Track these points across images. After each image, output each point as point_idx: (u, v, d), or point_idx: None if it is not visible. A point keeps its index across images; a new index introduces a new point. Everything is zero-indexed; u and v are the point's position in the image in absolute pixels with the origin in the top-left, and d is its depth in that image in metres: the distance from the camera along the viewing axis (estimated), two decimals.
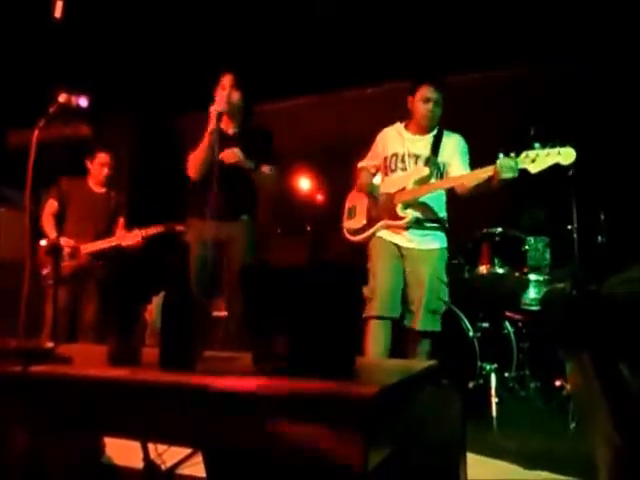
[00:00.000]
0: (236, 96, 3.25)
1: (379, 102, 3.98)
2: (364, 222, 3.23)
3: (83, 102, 2.38)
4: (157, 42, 4.99)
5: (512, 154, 2.74)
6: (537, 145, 2.71)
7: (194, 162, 3.21)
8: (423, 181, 3.06)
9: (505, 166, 2.71)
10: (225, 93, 3.18)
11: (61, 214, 4.02)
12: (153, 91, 5.51)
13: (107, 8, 4.56)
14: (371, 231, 3.16)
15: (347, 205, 3.44)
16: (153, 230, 3.95)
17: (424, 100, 3.10)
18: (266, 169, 3.25)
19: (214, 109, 3.08)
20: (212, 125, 3.09)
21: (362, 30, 4.68)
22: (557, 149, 2.67)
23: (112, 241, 4.03)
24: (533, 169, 2.69)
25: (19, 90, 4.98)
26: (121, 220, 4.21)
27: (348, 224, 3.36)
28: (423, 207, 3.10)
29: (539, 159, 2.68)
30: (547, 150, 2.68)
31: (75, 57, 4.65)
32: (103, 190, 4.20)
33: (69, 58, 4.55)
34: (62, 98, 2.32)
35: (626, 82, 4.07)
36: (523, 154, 2.73)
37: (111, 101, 5.00)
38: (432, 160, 3.09)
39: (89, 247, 4.00)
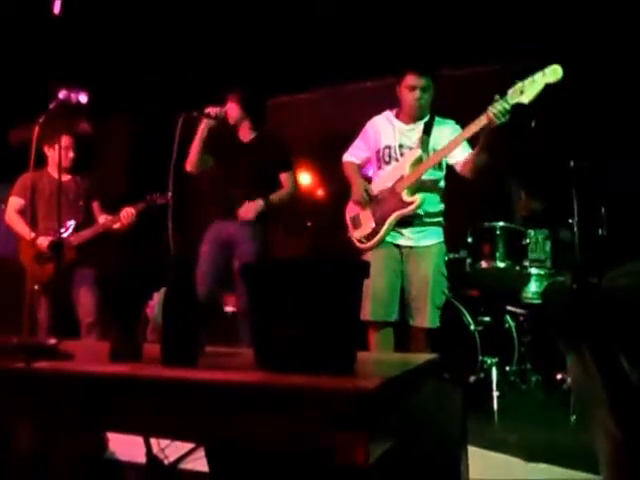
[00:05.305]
0: (234, 111, 3.56)
1: (379, 96, 3.96)
2: (372, 226, 3.13)
3: (83, 98, 2.38)
4: (158, 39, 4.98)
5: (497, 96, 2.68)
6: (517, 81, 2.64)
7: (189, 156, 3.55)
8: (418, 162, 3.04)
9: (499, 111, 2.67)
10: (224, 108, 3.52)
11: (26, 210, 3.82)
12: (154, 89, 5.51)
13: (108, 4, 4.56)
14: (384, 229, 3.07)
15: (348, 216, 3.31)
16: (140, 206, 3.80)
17: (410, 88, 3.03)
18: (278, 195, 3.59)
19: (208, 109, 3.42)
20: (202, 123, 3.47)
21: (363, 24, 4.68)
22: (540, 72, 2.60)
23: (100, 227, 3.88)
24: (526, 99, 2.62)
25: (20, 87, 4.98)
26: (96, 204, 4.03)
27: (356, 233, 3.23)
28: (428, 188, 3.06)
29: (527, 88, 2.62)
30: (531, 78, 2.62)
31: (75, 54, 4.65)
32: (69, 177, 3.96)
33: (69, 55, 4.54)
34: (62, 94, 2.32)
35: (626, 77, 4.07)
36: (510, 91, 2.66)
37: (111, 98, 5.01)
38: (424, 140, 3.05)
39: (77, 238, 3.84)
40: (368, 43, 4.77)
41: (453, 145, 2.94)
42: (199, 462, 2.18)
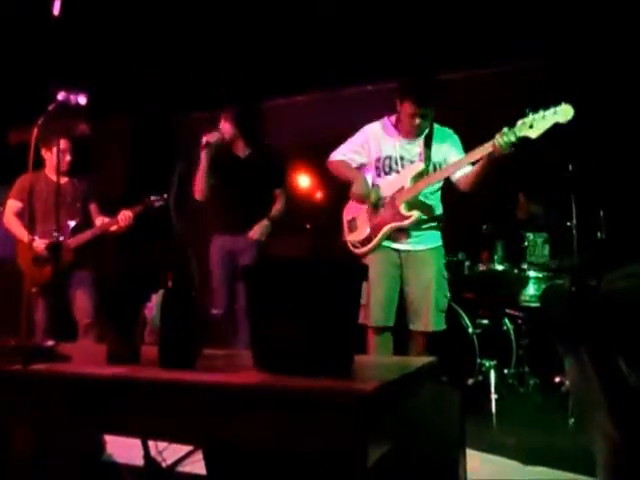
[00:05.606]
0: (228, 130, 3.70)
1: (379, 100, 3.97)
2: (368, 231, 3.12)
3: (82, 100, 2.38)
4: (158, 40, 4.98)
5: (505, 128, 2.68)
6: (529, 111, 2.64)
7: (196, 186, 3.71)
8: (420, 176, 3.04)
9: (505, 142, 2.66)
10: (218, 129, 3.70)
11: (24, 213, 3.81)
12: (153, 89, 5.51)
13: (107, 5, 4.56)
14: (378, 238, 3.06)
15: (345, 218, 3.29)
16: (137, 209, 3.84)
17: (409, 116, 3.01)
18: (275, 211, 3.78)
19: (205, 139, 3.59)
20: (203, 153, 3.62)
21: (363, 28, 4.68)
22: (552, 109, 2.59)
23: (97, 229, 3.90)
24: (533, 134, 2.62)
25: (20, 88, 4.98)
26: (93, 206, 4.03)
27: (351, 237, 3.21)
28: (425, 204, 3.08)
29: (536, 123, 2.62)
30: (542, 113, 2.61)
31: (74, 55, 4.64)
32: (66, 180, 3.94)
33: (68, 56, 4.54)
34: (61, 96, 2.32)
35: (627, 78, 4.07)
36: (519, 122, 2.66)
37: (110, 99, 5.01)
38: (426, 154, 3.05)
39: (75, 241, 3.84)
40: (369, 46, 4.77)
41: (453, 170, 2.98)
42: (197, 465, 2.17)
